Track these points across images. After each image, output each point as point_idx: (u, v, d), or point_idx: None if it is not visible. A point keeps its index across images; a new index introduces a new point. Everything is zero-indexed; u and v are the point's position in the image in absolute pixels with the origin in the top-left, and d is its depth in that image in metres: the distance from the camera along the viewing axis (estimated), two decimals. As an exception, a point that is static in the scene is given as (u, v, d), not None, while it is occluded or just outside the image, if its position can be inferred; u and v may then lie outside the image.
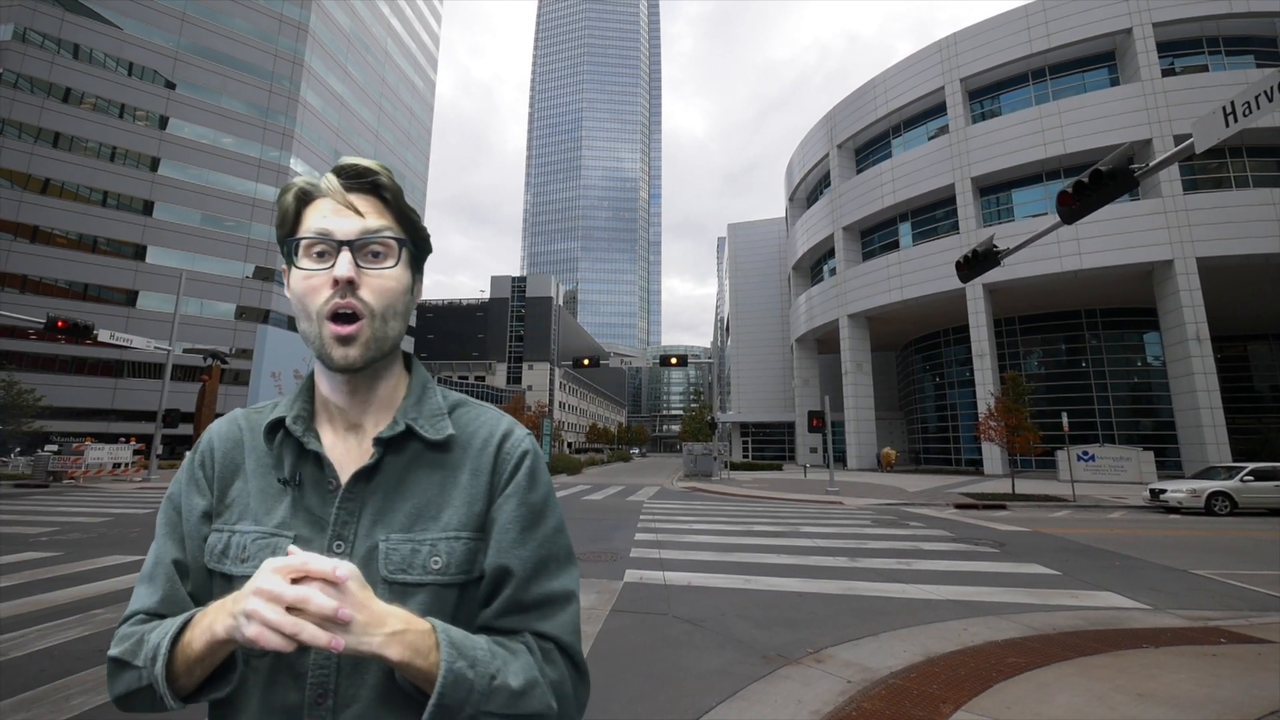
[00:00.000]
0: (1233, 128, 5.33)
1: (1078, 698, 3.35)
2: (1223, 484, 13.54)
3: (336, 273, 0.71)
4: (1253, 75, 23.29)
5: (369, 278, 0.73)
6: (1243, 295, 25.41)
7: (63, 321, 16.08)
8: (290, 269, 0.75)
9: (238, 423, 0.82)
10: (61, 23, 36.09)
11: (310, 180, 0.76)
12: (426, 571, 0.71)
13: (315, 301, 0.72)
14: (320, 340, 0.72)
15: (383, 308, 0.74)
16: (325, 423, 0.79)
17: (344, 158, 0.76)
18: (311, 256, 0.73)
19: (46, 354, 34.40)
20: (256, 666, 0.68)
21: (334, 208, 0.74)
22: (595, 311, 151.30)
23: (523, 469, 0.78)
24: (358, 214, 0.74)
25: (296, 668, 0.68)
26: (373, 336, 0.73)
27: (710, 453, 27.79)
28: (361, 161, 0.76)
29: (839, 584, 6.27)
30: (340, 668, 0.68)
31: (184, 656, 0.64)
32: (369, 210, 0.75)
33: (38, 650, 4.05)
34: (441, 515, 0.74)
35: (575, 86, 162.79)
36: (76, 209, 35.93)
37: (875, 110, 33.50)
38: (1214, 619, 5.07)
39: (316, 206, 0.75)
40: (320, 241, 0.73)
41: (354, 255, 0.73)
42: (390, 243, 0.75)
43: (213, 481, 0.78)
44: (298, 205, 0.76)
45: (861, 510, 13.97)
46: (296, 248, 0.74)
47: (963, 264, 8.95)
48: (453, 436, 0.78)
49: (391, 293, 0.75)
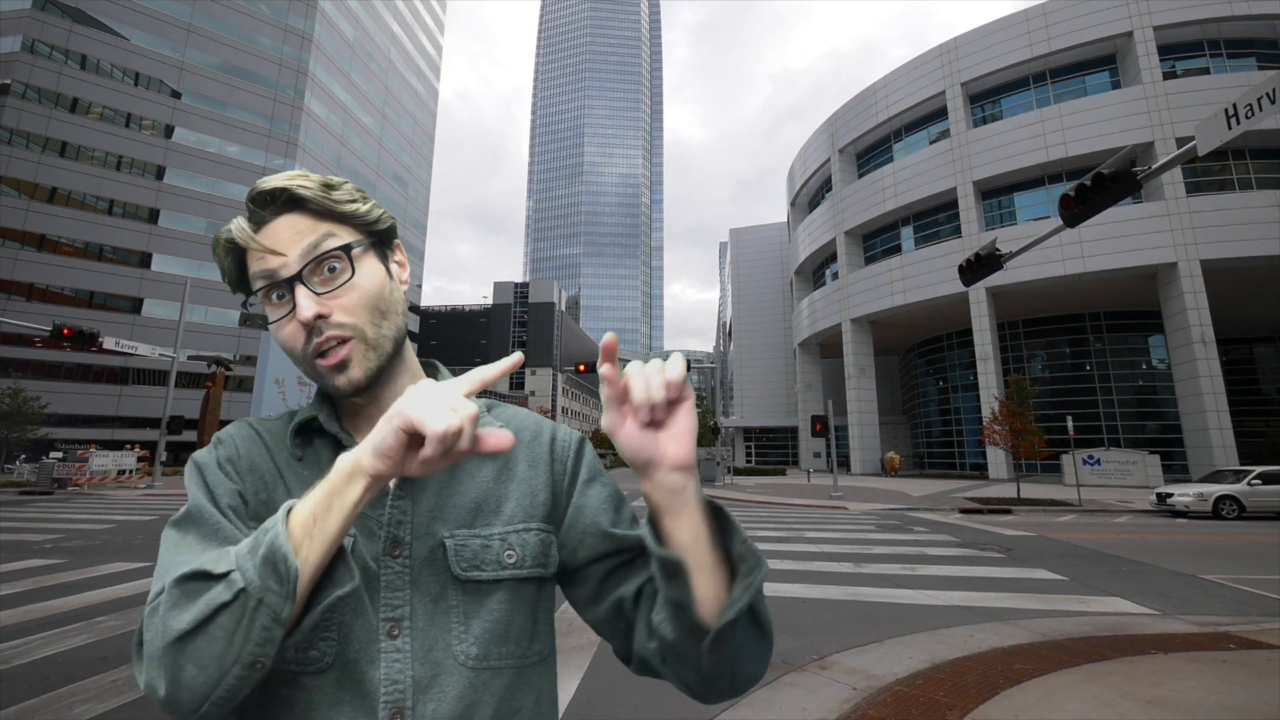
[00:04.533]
0: (1235, 130, 5.32)
1: (1086, 705, 3.31)
2: (1230, 488, 13.44)
3: (300, 316, 0.65)
4: (1254, 78, 23.26)
5: (335, 299, 0.67)
6: (1247, 297, 25.30)
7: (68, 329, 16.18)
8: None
9: (252, 426, 0.75)
10: (69, 34, 36.52)
11: (227, 230, 0.69)
12: (502, 567, 0.66)
13: (298, 346, 0.67)
14: (319, 377, 0.68)
15: (365, 318, 0.68)
16: (353, 425, 0.74)
17: (258, 182, 0.68)
18: (272, 301, 0.67)
19: (52, 361, 34.60)
20: (312, 686, 0.60)
21: (270, 239, 0.67)
22: (598, 316, 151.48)
23: (586, 455, 0.77)
24: (277, 254, 0.66)
25: (364, 685, 0.60)
26: (368, 349, 0.68)
27: (713, 458, 27.72)
28: (268, 182, 0.67)
29: (844, 590, 6.23)
30: (417, 682, 0.60)
31: (296, 534, 0.52)
32: (299, 229, 0.67)
33: (41, 658, 4.04)
34: (503, 508, 0.70)
35: (577, 91, 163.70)
36: (83, 217, 36.25)
37: (876, 115, 33.57)
38: (1223, 624, 5.02)
39: (252, 249, 0.68)
40: (270, 287, 0.66)
41: (308, 286, 0.66)
42: (336, 253, 0.67)
43: (243, 475, 0.69)
44: (232, 258, 0.70)
45: (866, 515, 13.90)
46: (252, 301, 0.69)
47: (965, 268, 8.93)
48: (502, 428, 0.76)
49: (366, 297, 0.68)
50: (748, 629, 0.60)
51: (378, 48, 55.90)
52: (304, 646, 0.60)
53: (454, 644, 0.63)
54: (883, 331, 35.24)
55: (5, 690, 3.51)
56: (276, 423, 0.75)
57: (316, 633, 0.61)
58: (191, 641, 0.49)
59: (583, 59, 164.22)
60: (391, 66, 58.40)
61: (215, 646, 0.49)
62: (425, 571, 0.65)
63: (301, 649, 0.60)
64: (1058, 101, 27.15)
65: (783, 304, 52.15)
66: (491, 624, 0.64)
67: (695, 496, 0.59)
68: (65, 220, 35.64)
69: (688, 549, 0.58)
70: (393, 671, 0.60)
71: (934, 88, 30.48)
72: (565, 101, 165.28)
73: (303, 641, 0.59)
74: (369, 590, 0.63)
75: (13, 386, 28.86)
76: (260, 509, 0.67)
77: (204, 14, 41.48)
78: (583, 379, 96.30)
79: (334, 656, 0.61)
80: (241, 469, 0.69)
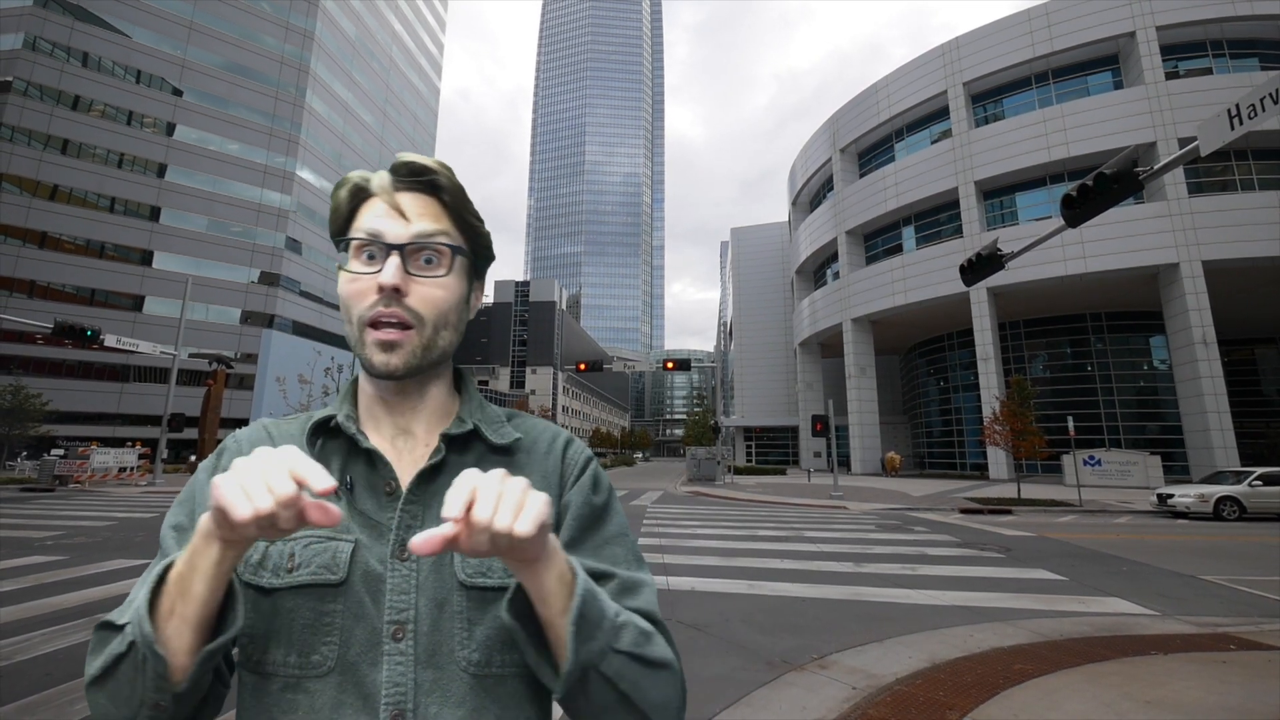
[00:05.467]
0: (1238, 130, 5.31)
1: (1085, 705, 3.31)
2: (1231, 489, 13.43)
3: (382, 279, 0.66)
4: (1257, 78, 23.22)
5: (418, 285, 0.68)
6: (1249, 298, 25.26)
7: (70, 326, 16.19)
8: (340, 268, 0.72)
9: (265, 428, 0.76)
10: (71, 31, 36.52)
11: (364, 175, 0.71)
12: (508, 574, 0.66)
13: (359, 306, 0.68)
14: (361, 345, 0.68)
15: (433, 317, 0.69)
16: (371, 428, 0.73)
17: (402, 154, 0.70)
18: (361, 258, 0.69)
19: (53, 359, 34.65)
20: (314, 690, 0.60)
21: (395, 204, 0.69)
22: (599, 315, 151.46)
23: (588, 472, 0.76)
24: (404, 218, 0.69)
25: (366, 687, 0.60)
26: (420, 346, 0.69)
27: (714, 457, 27.74)
28: (420, 159, 0.70)
29: (844, 589, 6.24)
30: (419, 685, 0.61)
31: (170, 594, 0.54)
32: (424, 212, 0.70)
33: (42, 654, 4.06)
34: None
35: (578, 89, 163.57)
36: (84, 215, 36.27)
37: (878, 114, 33.52)
38: (1223, 625, 5.02)
39: (370, 205, 0.70)
40: (370, 243, 0.68)
41: (404, 260, 0.68)
42: (444, 249, 0.70)
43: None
44: (351, 202, 0.71)
45: (866, 515, 13.90)
46: (348, 247, 0.70)
47: (966, 268, 8.92)
48: (519, 440, 0.75)
49: (442, 302, 0.70)
50: (624, 674, 0.59)
51: (379, 46, 55.88)
52: (305, 651, 0.61)
53: (457, 649, 0.63)
54: (883, 331, 35.21)
55: (7, 686, 3.52)
56: (292, 425, 0.76)
57: (318, 637, 0.61)
58: (104, 685, 0.54)
59: (584, 58, 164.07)
60: (393, 65, 58.38)
61: (123, 689, 0.53)
62: (431, 576, 0.65)
63: (303, 653, 0.61)
64: (1060, 101, 27.09)
65: (783, 303, 52.11)
66: (495, 631, 0.64)
67: (541, 577, 0.56)
68: (67, 218, 35.67)
69: (538, 614, 0.58)
70: (395, 674, 0.60)
71: (936, 87, 30.43)
72: (567, 100, 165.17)
73: (304, 646, 0.61)
74: (374, 593, 0.63)
75: (14, 384, 28.91)
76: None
77: (206, 11, 41.47)
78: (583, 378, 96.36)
79: (336, 660, 0.61)
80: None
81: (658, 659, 0.61)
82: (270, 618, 0.62)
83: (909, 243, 32.52)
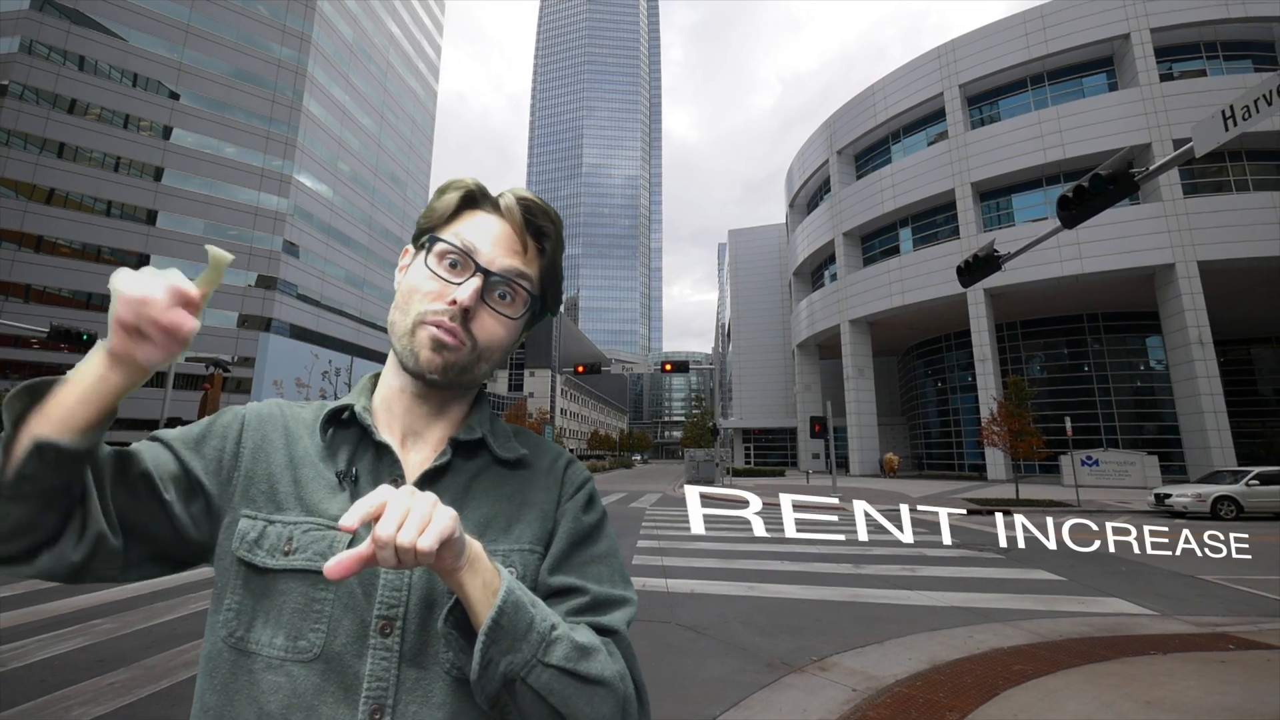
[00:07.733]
0: (1232, 131, 5.33)
1: (1085, 705, 3.31)
2: (1228, 488, 13.47)
3: (459, 295, 0.68)
4: (1251, 80, 23.34)
5: (486, 314, 0.70)
6: (1245, 298, 25.36)
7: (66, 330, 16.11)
8: (415, 254, 0.73)
9: (280, 407, 0.76)
10: (67, 35, 36.45)
11: (483, 187, 0.73)
12: None
13: (423, 304, 0.69)
14: (411, 336, 0.69)
15: (484, 346, 0.71)
16: (384, 425, 0.74)
17: (522, 190, 0.73)
18: (445, 262, 0.70)
19: (50, 363, 34.47)
20: (298, 675, 0.60)
21: (500, 231, 0.72)
22: (597, 317, 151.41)
23: (583, 491, 0.78)
24: (504, 246, 0.71)
25: (348, 678, 0.61)
26: (461, 365, 0.70)
27: (712, 459, 27.74)
28: (541, 201, 0.73)
29: (843, 591, 6.24)
30: (402, 682, 0.61)
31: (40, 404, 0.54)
32: (522, 251, 0.73)
33: (38, 661, 4.03)
34: (512, 529, 0.71)
35: (576, 92, 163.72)
36: (81, 219, 36.15)
37: (875, 116, 33.63)
38: (1222, 625, 5.03)
39: (475, 216, 0.72)
40: (461, 253, 0.70)
41: (484, 286, 0.69)
42: (523, 293, 0.72)
43: (238, 457, 0.69)
44: (461, 205, 0.73)
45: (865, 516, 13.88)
46: (434, 243, 0.71)
47: (963, 269, 8.94)
48: (525, 456, 0.77)
49: (500, 339, 0.72)
50: (553, 688, 0.59)
51: (376, 49, 55.86)
52: (293, 635, 0.61)
53: (442, 650, 0.63)
54: (881, 332, 35.26)
55: (3, 693, 3.49)
56: (305, 410, 0.76)
57: (306, 622, 0.62)
58: None
59: (581, 60, 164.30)
60: (390, 68, 58.37)
61: None
62: (425, 575, 0.65)
63: (290, 637, 0.61)
64: (1055, 103, 27.21)
65: (781, 305, 52.15)
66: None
67: (465, 587, 0.57)
68: (63, 221, 35.55)
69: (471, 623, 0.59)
70: (379, 669, 0.61)
71: (932, 89, 30.54)
72: (564, 102, 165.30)
73: (292, 630, 0.61)
74: (367, 586, 0.64)
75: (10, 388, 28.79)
76: (254, 493, 0.67)
77: (202, 15, 41.44)
78: (581, 380, 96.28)
79: (322, 647, 0.61)
80: (237, 448, 0.69)
81: (593, 675, 0.61)
82: (260, 597, 0.63)
83: (906, 244, 32.59)
